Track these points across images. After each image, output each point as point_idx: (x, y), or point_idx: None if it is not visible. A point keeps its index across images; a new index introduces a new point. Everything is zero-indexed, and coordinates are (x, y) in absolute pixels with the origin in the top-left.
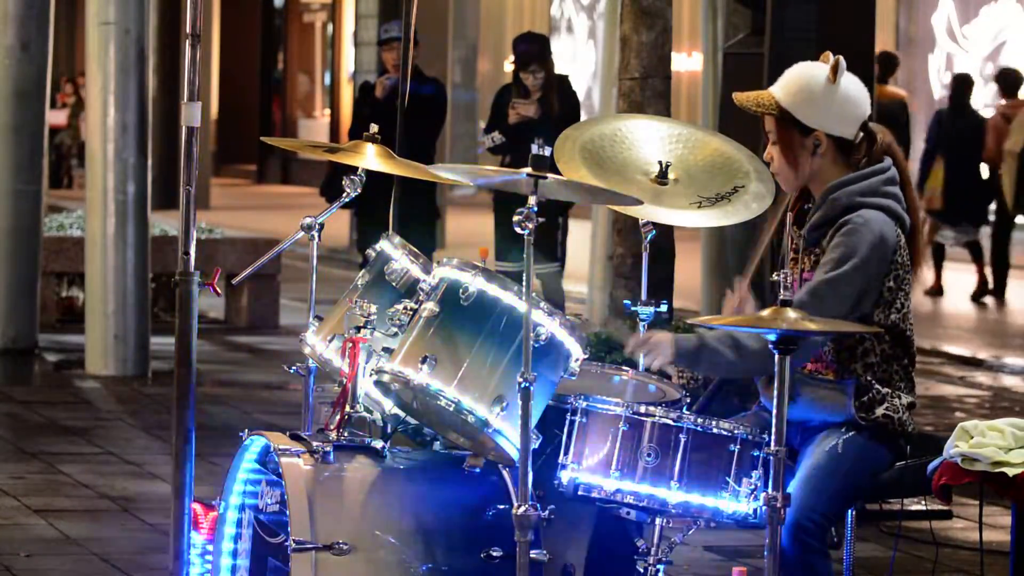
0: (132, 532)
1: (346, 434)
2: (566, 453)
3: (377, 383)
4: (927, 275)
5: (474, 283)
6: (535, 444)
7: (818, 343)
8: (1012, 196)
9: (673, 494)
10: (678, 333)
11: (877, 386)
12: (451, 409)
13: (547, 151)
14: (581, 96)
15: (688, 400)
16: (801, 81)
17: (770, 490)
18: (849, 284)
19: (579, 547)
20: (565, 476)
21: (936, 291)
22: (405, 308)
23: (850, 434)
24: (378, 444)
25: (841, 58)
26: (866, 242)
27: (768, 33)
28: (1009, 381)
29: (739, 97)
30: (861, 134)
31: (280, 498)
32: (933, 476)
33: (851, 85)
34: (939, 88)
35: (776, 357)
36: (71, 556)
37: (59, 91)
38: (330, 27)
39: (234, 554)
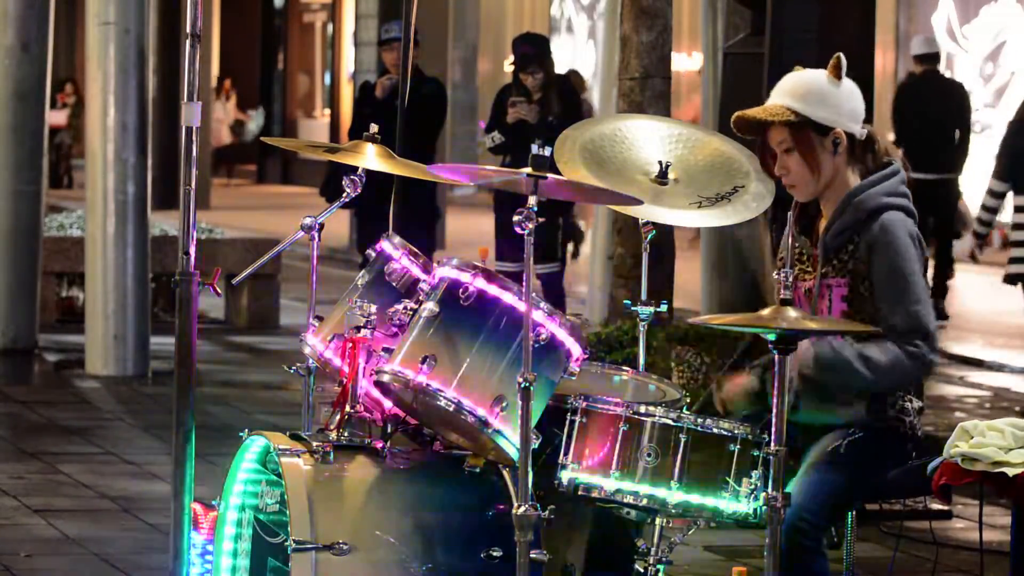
0: (132, 532)
1: (346, 434)
2: (566, 453)
3: (377, 383)
4: None
5: (474, 283)
6: (535, 444)
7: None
8: None
9: (673, 494)
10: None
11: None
12: (451, 409)
13: (547, 151)
14: None
15: (688, 400)
16: (806, 84)
17: (770, 490)
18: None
19: (579, 547)
20: (565, 476)
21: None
22: (405, 308)
23: (855, 436)
24: (378, 444)
25: (841, 55)
26: (904, 241)
27: (768, 33)
28: (1009, 381)
29: (745, 113)
30: (865, 132)
31: (280, 498)
32: (933, 476)
33: (850, 82)
34: None
35: (776, 357)
36: (71, 556)
37: (59, 91)
38: (330, 27)
39: (234, 554)
